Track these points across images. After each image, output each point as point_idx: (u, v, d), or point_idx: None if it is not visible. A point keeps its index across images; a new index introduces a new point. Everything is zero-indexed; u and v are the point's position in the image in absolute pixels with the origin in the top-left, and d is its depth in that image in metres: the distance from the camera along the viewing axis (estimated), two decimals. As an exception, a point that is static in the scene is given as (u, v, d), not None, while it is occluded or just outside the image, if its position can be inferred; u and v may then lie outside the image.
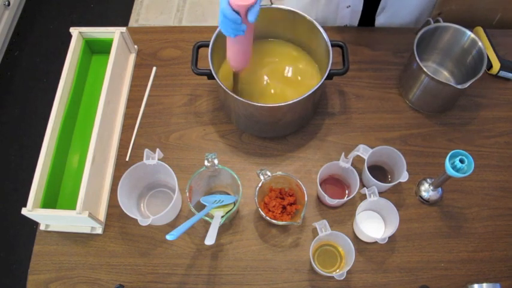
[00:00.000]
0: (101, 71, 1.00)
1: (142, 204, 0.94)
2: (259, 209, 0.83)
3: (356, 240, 0.89)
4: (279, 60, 1.01)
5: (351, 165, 0.86)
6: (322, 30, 0.90)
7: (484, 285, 0.80)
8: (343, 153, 0.87)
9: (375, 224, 0.90)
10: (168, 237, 0.73)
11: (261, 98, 0.97)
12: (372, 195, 0.84)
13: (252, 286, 0.87)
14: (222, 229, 0.91)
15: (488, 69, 1.04)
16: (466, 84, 0.87)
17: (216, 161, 0.82)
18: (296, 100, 0.84)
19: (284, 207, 0.88)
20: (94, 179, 0.89)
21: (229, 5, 0.71)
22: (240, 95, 0.85)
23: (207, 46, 0.90)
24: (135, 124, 1.02)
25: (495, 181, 0.95)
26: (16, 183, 1.86)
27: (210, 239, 0.76)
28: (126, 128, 1.02)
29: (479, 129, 1.00)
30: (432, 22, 0.95)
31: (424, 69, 0.90)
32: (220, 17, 0.74)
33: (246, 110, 0.91)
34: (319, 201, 0.93)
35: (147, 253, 0.90)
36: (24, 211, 0.83)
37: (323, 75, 0.88)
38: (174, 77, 1.07)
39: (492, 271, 0.87)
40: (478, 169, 0.95)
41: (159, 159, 0.85)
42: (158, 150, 0.86)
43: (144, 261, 0.89)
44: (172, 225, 0.92)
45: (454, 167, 0.77)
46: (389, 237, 0.82)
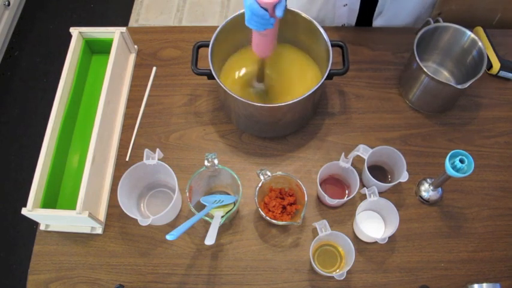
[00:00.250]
0: (101, 71, 1.00)
1: (142, 204, 0.94)
2: (259, 209, 0.83)
3: (356, 240, 0.89)
4: (278, 60, 1.01)
5: (351, 165, 0.86)
6: (322, 30, 0.90)
7: (484, 285, 0.80)
8: (343, 153, 0.87)
9: (375, 224, 0.90)
10: (168, 237, 0.73)
11: (261, 98, 0.97)
12: (372, 195, 0.84)
13: (252, 286, 0.87)
14: (222, 229, 0.91)
15: (488, 69, 1.04)
16: (466, 84, 0.87)
17: (216, 161, 0.82)
18: (296, 100, 0.84)
19: (284, 207, 0.88)
20: (94, 179, 0.89)
21: (257, 2, 0.72)
22: (240, 95, 0.85)
23: (207, 46, 0.90)
24: (135, 124, 1.02)
25: (495, 181, 0.95)
26: (16, 183, 1.86)
27: (210, 239, 0.76)
28: (126, 128, 1.02)
29: (479, 129, 1.00)
30: (432, 22, 0.95)
31: (424, 69, 0.90)
32: (248, 14, 0.75)
33: (246, 110, 0.91)
34: (319, 201, 0.93)
35: (147, 253, 0.90)
36: (24, 211, 0.83)
37: (323, 75, 0.88)
38: (174, 77, 1.07)
39: (492, 271, 0.87)
40: (478, 169, 0.95)
41: (159, 159, 0.86)
42: (158, 150, 0.86)
43: (144, 261, 0.89)
44: (172, 225, 0.92)
45: (454, 167, 0.77)
46: (389, 237, 0.82)
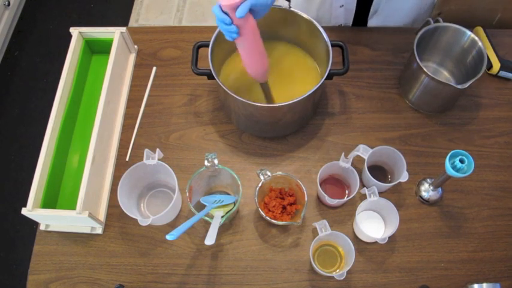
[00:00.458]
0: (101, 71, 1.00)
1: (142, 204, 0.94)
2: (259, 209, 0.83)
3: (356, 240, 0.89)
4: (278, 60, 1.01)
5: (351, 165, 0.86)
6: (322, 30, 0.90)
7: (484, 285, 0.80)
8: (343, 153, 0.87)
9: (374, 224, 0.90)
10: (168, 237, 0.73)
11: (261, 98, 0.97)
12: (372, 195, 0.84)
13: (252, 286, 0.87)
14: (222, 229, 0.91)
15: (488, 69, 1.04)
16: (466, 84, 0.87)
17: (216, 161, 0.82)
18: (296, 100, 0.84)
19: (284, 207, 0.88)
20: (94, 179, 0.89)
21: (219, 7, 0.72)
22: (241, 95, 0.85)
23: (207, 46, 0.90)
24: (135, 124, 1.02)
25: (495, 181, 0.95)
26: (16, 183, 1.86)
27: (210, 239, 0.76)
28: (126, 128, 1.02)
29: (479, 129, 1.00)
30: (432, 22, 0.95)
31: (424, 69, 0.90)
32: (216, 20, 0.75)
33: (246, 110, 0.91)
34: (319, 201, 0.93)
35: (147, 253, 0.90)
36: (24, 211, 0.83)
37: (323, 75, 0.88)
38: (174, 77, 1.07)
39: (492, 271, 0.87)
40: (478, 169, 0.95)
41: (159, 159, 0.86)
42: (158, 150, 0.86)
43: (144, 261, 0.89)
44: (172, 225, 0.92)
45: (454, 167, 0.77)
46: (389, 237, 0.82)
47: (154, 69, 1.08)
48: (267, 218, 0.83)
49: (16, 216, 1.77)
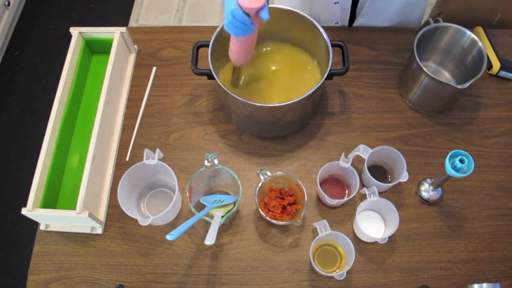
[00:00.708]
0: (101, 71, 1.00)
1: (142, 204, 0.94)
2: (259, 209, 0.83)
3: (356, 240, 0.89)
4: (278, 60, 1.01)
5: (351, 165, 0.86)
6: (322, 30, 0.90)
7: (484, 285, 0.80)
8: (343, 153, 0.87)
9: (374, 224, 0.90)
10: (168, 237, 0.73)
11: (261, 98, 0.97)
12: (372, 195, 0.84)
13: (252, 286, 0.87)
14: (222, 229, 0.91)
15: (488, 69, 1.04)
16: (466, 84, 0.87)
17: (216, 161, 0.82)
18: (296, 100, 0.84)
19: (284, 207, 0.88)
20: (94, 179, 0.89)
21: (240, 7, 0.72)
22: (241, 95, 0.85)
23: (207, 46, 0.90)
24: (135, 124, 1.02)
25: (495, 181, 0.95)
26: (16, 183, 1.86)
27: (210, 239, 0.76)
28: (126, 128, 1.02)
29: (479, 129, 1.00)
30: (432, 22, 0.95)
31: (424, 69, 0.90)
32: (229, 19, 0.74)
33: (246, 110, 0.91)
34: (319, 201, 0.93)
35: (147, 253, 0.90)
36: (24, 211, 0.83)
37: (323, 75, 0.88)
38: (174, 77, 1.07)
39: (492, 271, 0.87)
40: (478, 169, 0.95)
41: (159, 159, 0.85)
42: (158, 150, 0.86)
43: (144, 261, 0.89)
44: (172, 225, 0.92)
45: (454, 167, 0.77)
46: (389, 237, 0.82)
47: (154, 69, 1.08)
48: (267, 218, 0.83)
49: (16, 216, 1.77)
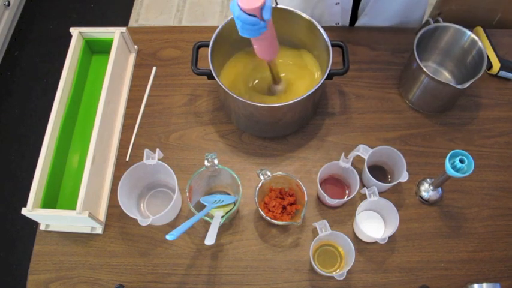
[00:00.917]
0: (101, 71, 1.00)
1: (142, 204, 0.94)
2: (259, 209, 0.83)
3: (356, 240, 0.89)
4: (278, 60, 1.01)
5: (351, 165, 0.86)
6: (322, 30, 0.90)
7: (484, 285, 0.80)
8: (343, 153, 0.87)
9: (374, 224, 0.90)
10: (168, 237, 0.73)
11: (261, 97, 0.97)
12: (372, 195, 0.84)
13: (252, 286, 0.87)
14: (222, 229, 0.91)
15: (488, 69, 1.04)
16: (466, 84, 0.87)
17: (216, 161, 0.82)
18: (296, 100, 0.84)
19: (284, 207, 0.88)
20: (94, 179, 0.89)
21: (243, 11, 0.71)
22: (240, 95, 0.85)
23: (207, 46, 0.90)
24: (135, 124, 1.02)
25: (495, 181, 0.95)
26: (16, 183, 1.86)
27: (210, 239, 0.76)
28: (126, 128, 1.02)
29: (479, 129, 1.00)
30: (432, 22, 0.95)
31: (424, 69, 0.90)
32: (239, 24, 0.74)
33: (246, 110, 0.91)
34: (319, 201, 0.93)
35: (147, 253, 0.90)
36: (24, 211, 0.83)
37: (323, 75, 0.88)
38: (174, 77, 1.07)
39: (492, 271, 0.87)
40: (478, 169, 0.95)
41: (159, 159, 0.85)
42: (158, 150, 0.86)
43: (144, 261, 0.89)
44: (172, 225, 0.92)
45: (454, 167, 0.77)
46: (389, 237, 0.82)
47: (154, 69, 1.08)
48: (267, 218, 0.83)
49: (16, 216, 1.77)
